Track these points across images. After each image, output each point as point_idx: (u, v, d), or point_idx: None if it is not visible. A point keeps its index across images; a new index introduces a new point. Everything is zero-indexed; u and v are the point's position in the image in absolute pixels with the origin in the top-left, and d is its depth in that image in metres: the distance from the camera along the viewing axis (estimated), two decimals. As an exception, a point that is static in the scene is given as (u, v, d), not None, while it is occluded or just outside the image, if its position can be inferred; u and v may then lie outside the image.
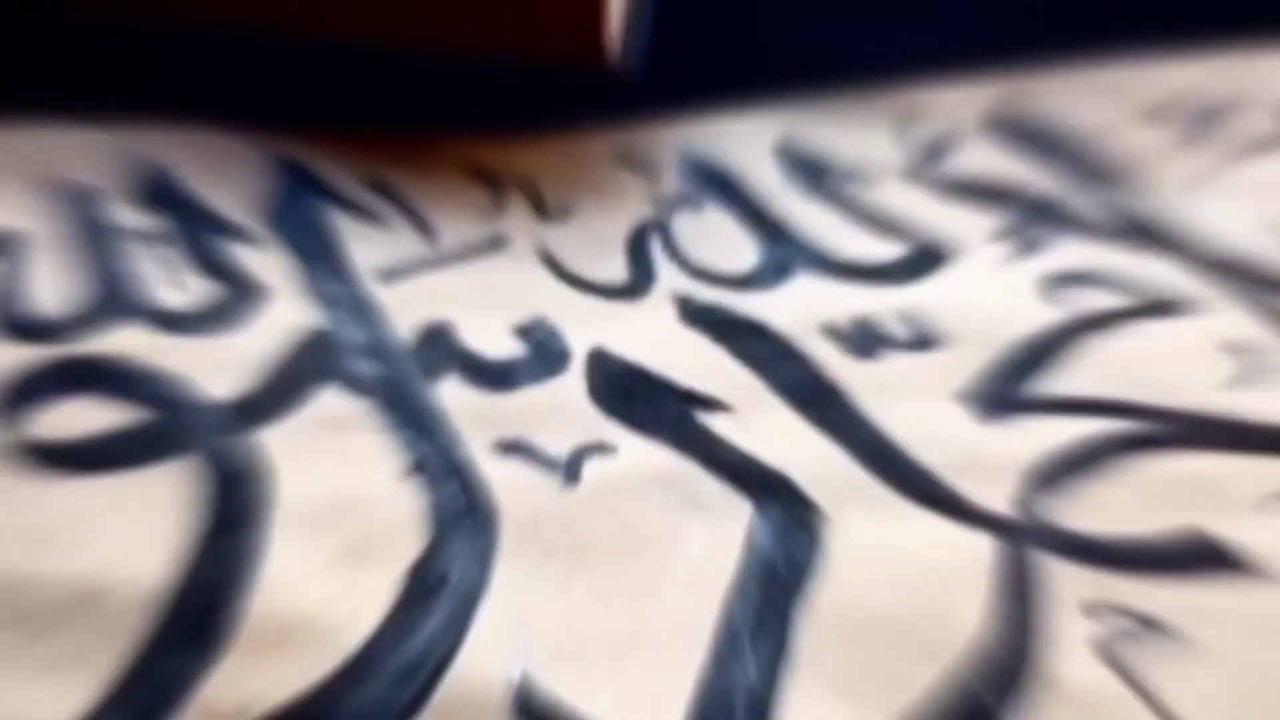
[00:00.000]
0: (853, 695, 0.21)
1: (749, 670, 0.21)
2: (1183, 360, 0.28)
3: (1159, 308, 0.30)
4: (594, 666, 0.22)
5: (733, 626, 0.22)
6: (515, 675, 0.21)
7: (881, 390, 0.27)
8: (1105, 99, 0.37)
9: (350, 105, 0.34)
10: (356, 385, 0.25)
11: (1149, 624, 0.22)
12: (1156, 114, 0.36)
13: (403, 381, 0.26)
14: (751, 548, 0.23)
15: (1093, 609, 0.22)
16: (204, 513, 0.23)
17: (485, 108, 0.34)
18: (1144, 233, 0.32)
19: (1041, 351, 0.28)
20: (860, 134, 0.35)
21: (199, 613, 0.21)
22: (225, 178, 0.31)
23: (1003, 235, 0.32)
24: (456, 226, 0.30)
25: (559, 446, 0.25)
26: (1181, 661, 0.22)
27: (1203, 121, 0.36)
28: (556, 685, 0.21)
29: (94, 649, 0.21)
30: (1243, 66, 0.38)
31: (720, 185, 0.33)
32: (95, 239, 0.28)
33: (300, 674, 0.20)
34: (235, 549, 0.22)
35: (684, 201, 0.32)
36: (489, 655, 0.21)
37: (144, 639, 0.21)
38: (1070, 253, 0.31)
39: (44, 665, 0.21)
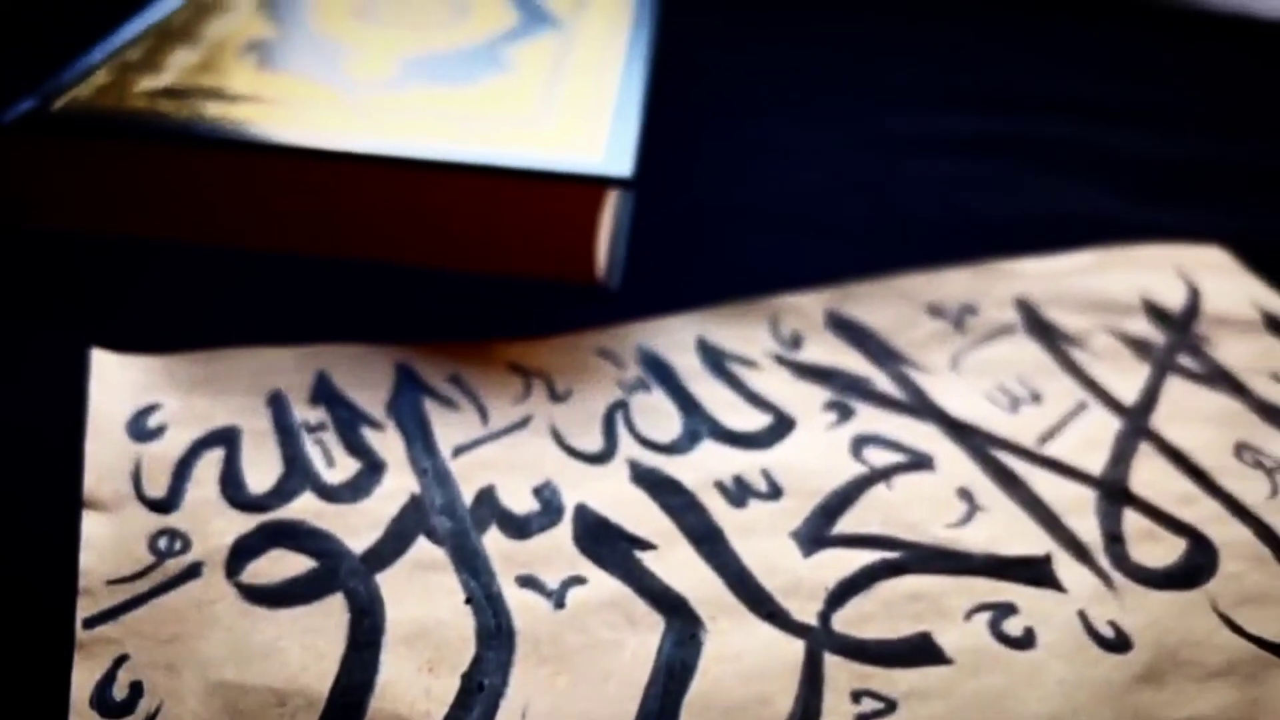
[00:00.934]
0: None
1: None
2: (929, 503, 0.29)
3: (920, 463, 0.31)
4: None
5: (645, 711, 0.23)
6: None
7: (746, 531, 0.28)
8: (901, 300, 0.38)
9: (428, 319, 0.35)
10: (436, 537, 0.27)
11: (889, 703, 0.24)
12: (934, 310, 0.37)
13: (464, 533, 0.27)
14: (661, 654, 0.24)
15: (856, 694, 0.24)
16: (346, 636, 0.24)
17: (516, 316, 0.36)
18: (918, 402, 0.33)
19: (844, 500, 0.29)
20: (748, 331, 0.35)
21: (345, 709, 0.23)
22: (362, 379, 0.32)
23: (829, 406, 0.33)
24: (501, 409, 0.31)
25: (553, 579, 0.26)
26: None
27: (963, 314, 0.37)
28: None
29: None
30: (991, 271, 0.39)
31: (660, 371, 0.34)
32: (283, 432, 0.30)
33: None
34: (364, 663, 0.23)
35: (639, 385, 0.33)
36: None
37: None
38: (871, 419, 0.32)
39: None
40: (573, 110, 0.37)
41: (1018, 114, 0.50)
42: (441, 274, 0.36)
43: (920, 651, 0.25)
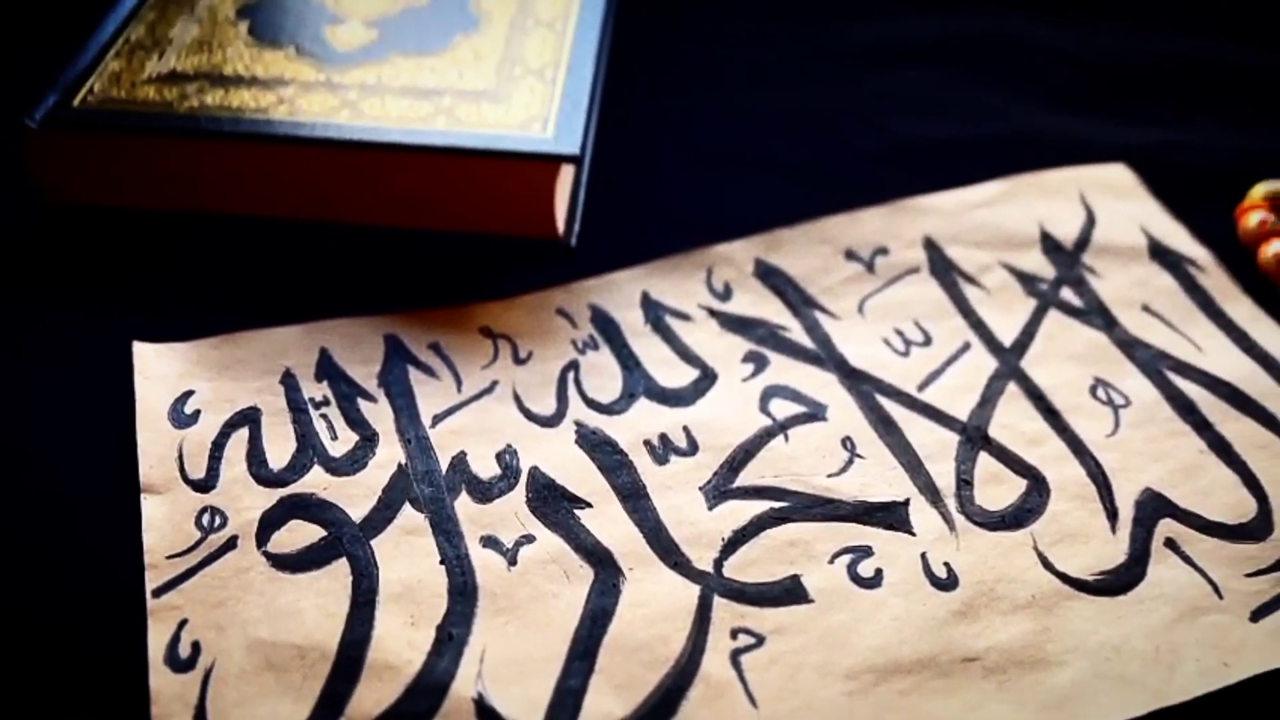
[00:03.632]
0: (623, 689, 0.29)
1: (573, 679, 0.29)
2: (815, 454, 0.34)
3: (814, 414, 0.37)
4: (520, 677, 0.29)
5: (574, 652, 0.30)
6: (476, 691, 0.29)
7: (665, 488, 0.34)
8: (823, 245, 0.42)
9: (411, 280, 0.40)
10: (418, 503, 0.33)
11: (759, 638, 0.31)
12: (850, 254, 0.42)
13: (441, 499, 0.33)
14: (588, 602, 0.31)
15: (734, 631, 0.31)
16: (350, 597, 0.31)
17: (487, 275, 0.41)
18: (824, 351, 0.39)
19: (748, 454, 0.34)
20: (686, 283, 0.40)
21: (350, 660, 0.29)
22: (357, 353, 0.37)
23: (748, 358, 0.38)
24: (472, 375, 0.37)
25: (509, 539, 0.32)
26: (770, 660, 0.30)
27: (875, 256, 0.42)
28: (496, 691, 0.29)
29: (305, 680, 0.29)
30: (905, 209, 0.43)
31: (609, 328, 0.38)
32: (295, 409, 0.35)
33: (389, 692, 0.28)
34: (362, 619, 0.30)
35: (590, 344, 0.38)
36: (469, 680, 0.29)
37: (327, 674, 0.29)
38: (781, 369, 0.38)
39: (281, 691, 0.29)
40: (530, 81, 0.42)
41: (969, 13, 0.52)
42: (422, 238, 0.41)
43: (789, 593, 0.31)
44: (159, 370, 0.36)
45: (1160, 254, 0.41)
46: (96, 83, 0.42)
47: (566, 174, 0.40)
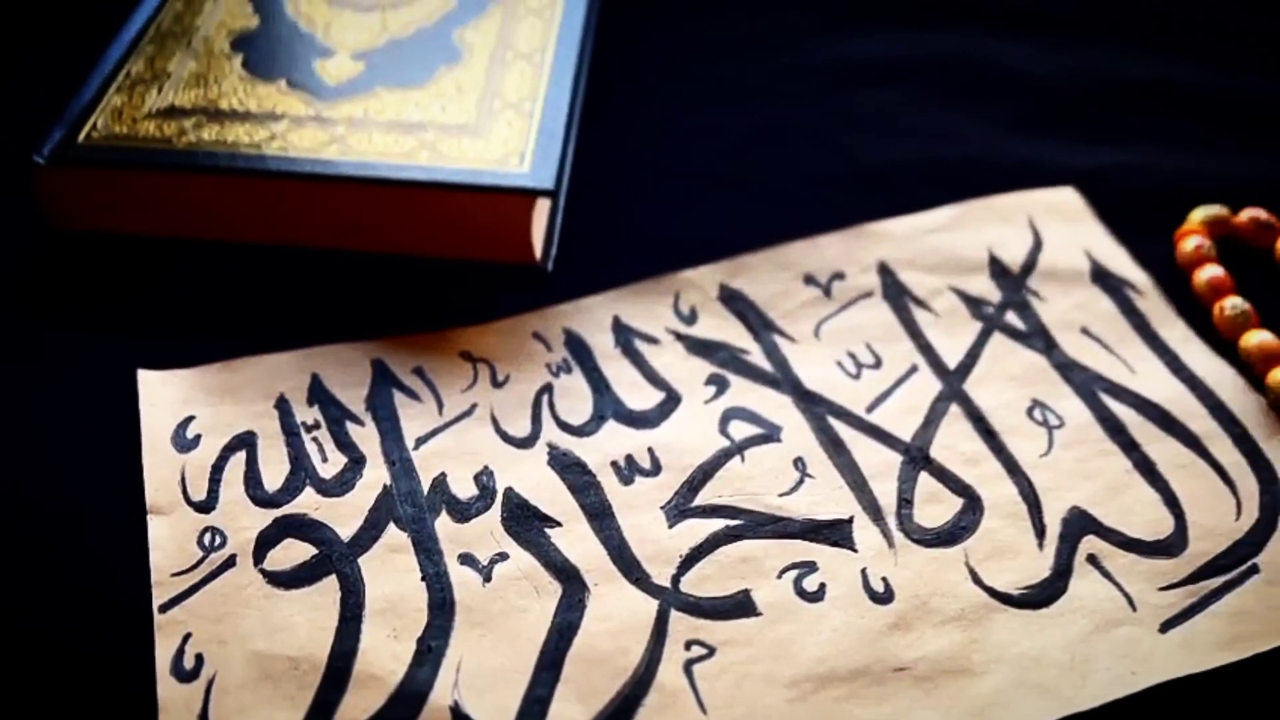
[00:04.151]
0: (586, 697, 0.32)
1: (540, 688, 0.32)
2: (769, 474, 0.37)
3: (769, 435, 0.39)
4: (492, 686, 0.32)
5: (541, 663, 0.33)
6: (453, 700, 0.31)
7: (629, 507, 0.36)
8: (783, 271, 0.44)
9: (396, 305, 0.43)
10: (401, 523, 0.36)
11: (710, 649, 0.33)
12: (809, 279, 0.44)
13: (422, 519, 0.36)
14: (556, 616, 0.33)
15: (689, 643, 0.34)
16: (339, 612, 0.33)
17: (468, 300, 0.43)
18: (780, 373, 0.41)
19: (706, 474, 0.37)
20: (654, 307, 0.42)
21: (339, 671, 0.32)
22: (346, 378, 0.40)
23: (710, 380, 0.41)
24: (452, 398, 0.39)
25: (484, 556, 0.35)
26: (720, 669, 0.33)
27: (832, 281, 0.44)
28: (470, 699, 0.31)
29: (298, 690, 0.31)
30: (862, 235, 0.46)
31: (581, 352, 0.41)
32: (288, 433, 0.38)
33: (374, 700, 0.31)
34: (350, 633, 0.33)
35: (563, 367, 0.41)
36: (446, 689, 0.31)
37: (318, 684, 0.32)
38: (740, 391, 0.40)
39: (277, 699, 0.32)
40: (509, 114, 0.44)
41: (933, 29, 0.54)
42: (407, 265, 0.44)
43: (740, 606, 0.34)
44: (162, 396, 0.39)
45: (1101, 278, 0.44)
46: (100, 118, 0.44)
47: (543, 205, 0.43)
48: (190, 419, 0.39)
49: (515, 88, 0.46)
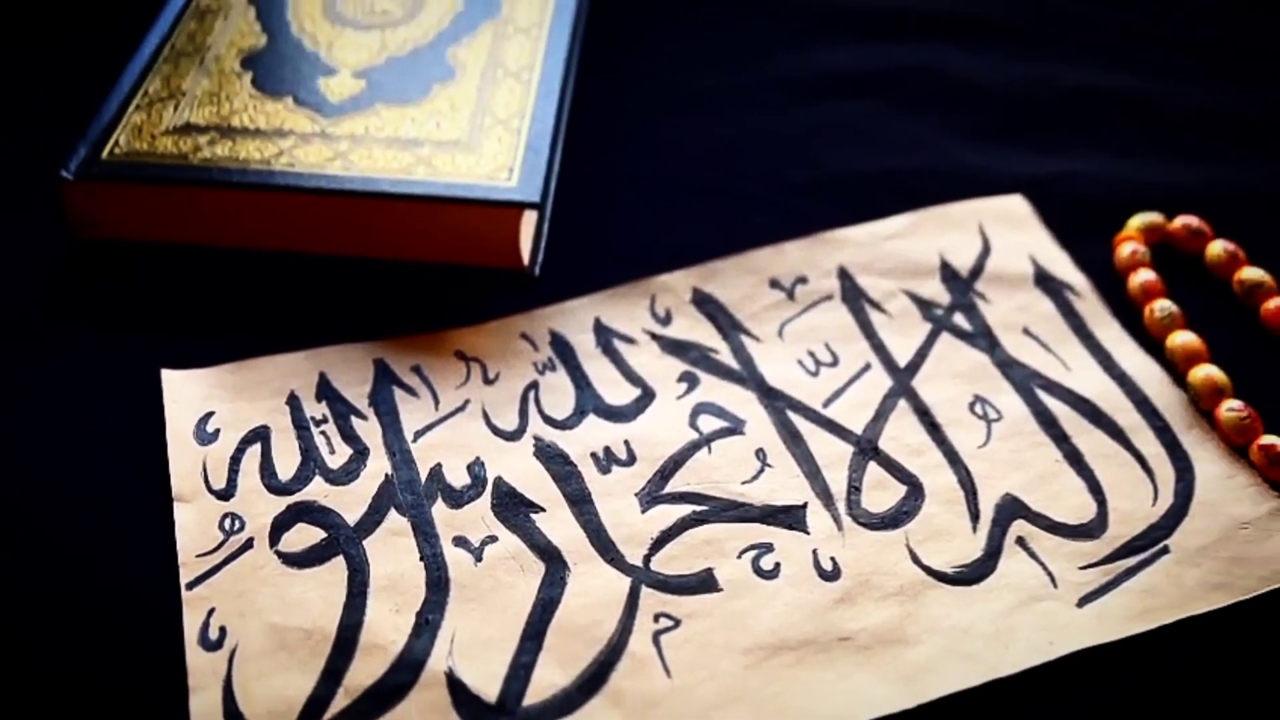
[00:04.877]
0: (565, 663, 0.36)
1: (525, 655, 0.36)
2: (733, 464, 0.41)
3: (734, 428, 0.43)
4: (482, 654, 0.35)
5: (526, 633, 0.37)
6: (447, 666, 0.35)
7: (606, 494, 0.40)
8: (751, 275, 0.48)
9: (396, 308, 0.47)
10: (401, 509, 0.40)
11: (676, 621, 0.38)
12: (774, 282, 0.48)
13: (421, 505, 0.41)
14: (540, 592, 0.37)
15: (656, 615, 0.38)
16: (346, 588, 0.37)
17: (463, 302, 0.48)
18: (746, 371, 0.45)
19: (676, 464, 0.41)
20: (632, 309, 0.46)
21: (347, 641, 0.36)
22: (351, 376, 0.44)
23: (682, 378, 0.45)
24: (447, 394, 0.44)
25: (476, 539, 0.38)
26: (684, 639, 0.37)
27: (796, 284, 0.48)
28: (463, 666, 0.36)
29: (311, 658, 0.35)
30: (824, 241, 0.50)
31: (565, 351, 0.45)
32: (299, 427, 0.42)
33: (378, 667, 0.35)
34: (356, 607, 0.37)
35: (549, 365, 0.45)
36: (441, 657, 0.35)
37: (328, 653, 0.36)
38: (710, 388, 0.44)
39: (293, 666, 0.35)
40: (499, 131, 0.48)
41: (899, 41, 0.58)
42: (406, 270, 0.48)
43: (703, 583, 0.38)
44: (184, 394, 0.43)
45: (1044, 281, 0.48)
46: (122, 135, 0.48)
47: (530, 216, 0.47)
48: (210, 414, 0.43)
49: (505, 105, 0.50)
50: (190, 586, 0.38)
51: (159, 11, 0.53)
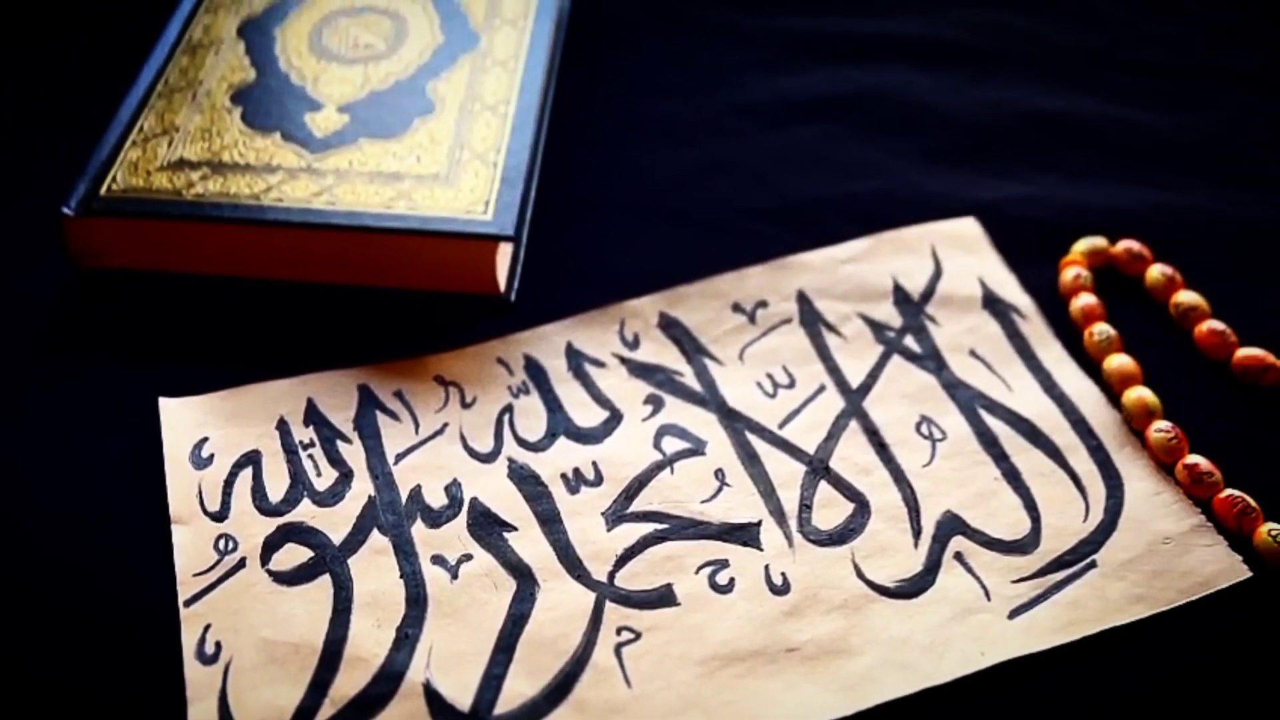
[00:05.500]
0: (534, 675, 0.38)
1: (497, 668, 0.39)
2: (694, 484, 0.44)
3: (696, 449, 0.46)
4: (457, 666, 0.38)
5: (498, 647, 0.40)
6: (425, 678, 0.39)
7: (575, 513, 0.43)
8: (715, 300, 0.51)
9: (378, 334, 0.50)
10: (383, 529, 0.43)
11: (637, 634, 0.41)
12: (737, 307, 0.51)
13: (401, 525, 0.44)
14: (511, 608, 0.40)
15: (619, 629, 0.41)
16: (332, 605, 0.40)
17: (442, 327, 0.51)
18: (709, 394, 0.48)
19: (641, 484, 0.44)
20: (602, 334, 0.48)
21: (332, 654, 0.39)
22: (336, 401, 0.47)
23: (647, 400, 0.48)
24: (427, 418, 0.47)
25: (452, 557, 0.41)
26: (644, 651, 0.40)
27: (756, 308, 0.51)
28: (440, 677, 0.38)
29: (299, 670, 0.38)
30: (785, 266, 0.52)
31: (538, 375, 0.48)
32: (288, 451, 0.45)
33: (361, 679, 0.38)
34: (341, 622, 0.40)
35: (523, 389, 0.48)
36: (420, 669, 0.38)
37: (315, 666, 0.39)
38: (674, 410, 0.47)
39: (282, 679, 0.39)
40: (475, 165, 0.51)
41: (861, 65, 0.60)
42: (387, 297, 0.51)
43: (663, 598, 0.41)
44: (180, 421, 0.46)
45: (991, 303, 0.51)
46: (119, 172, 0.51)
47: (505, 246, 0.50)
48: (204, 440, 0.46)
49: (481, 138, 0.52)
50: (188, 604, 0.41)
51: (154, 43, 0.56)
